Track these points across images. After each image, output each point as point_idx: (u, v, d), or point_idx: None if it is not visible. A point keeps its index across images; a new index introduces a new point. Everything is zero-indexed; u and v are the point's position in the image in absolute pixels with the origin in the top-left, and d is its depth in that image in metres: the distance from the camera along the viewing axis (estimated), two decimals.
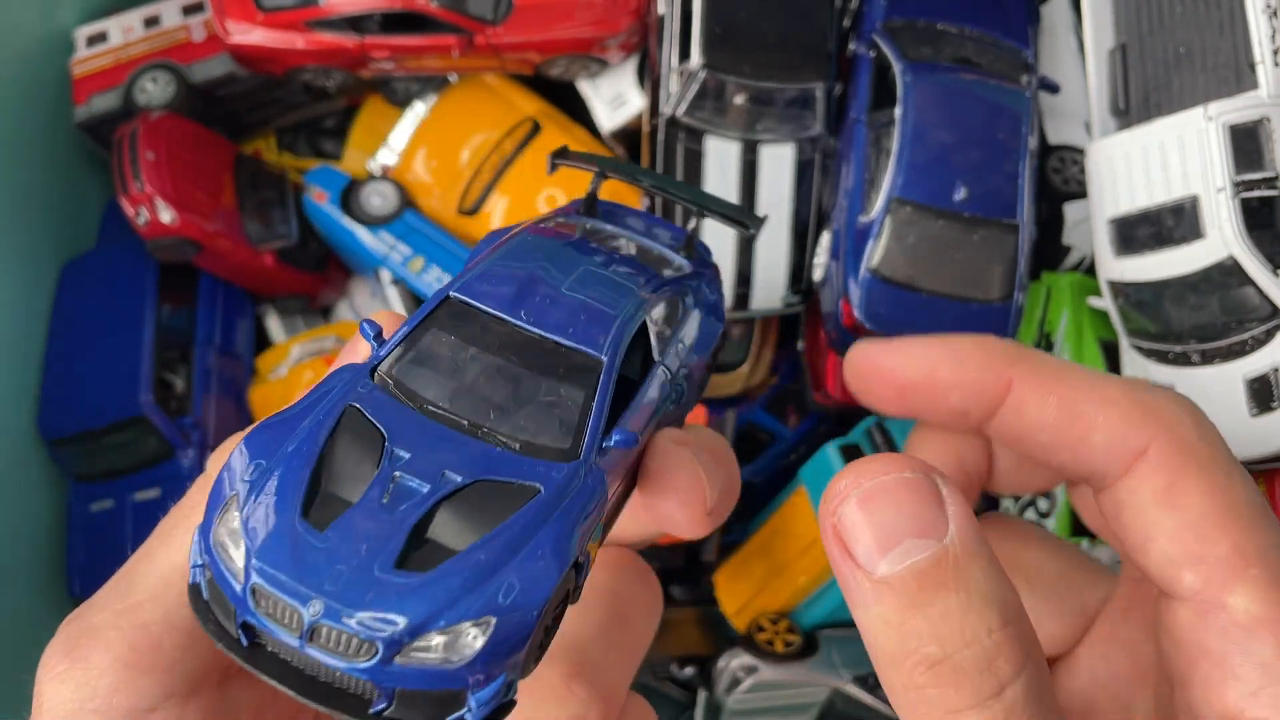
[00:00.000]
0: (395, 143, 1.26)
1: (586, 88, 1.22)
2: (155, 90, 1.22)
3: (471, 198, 1.24)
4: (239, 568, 0.38)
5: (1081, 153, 1.14)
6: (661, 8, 1.11)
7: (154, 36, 1.23)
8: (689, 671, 1.13)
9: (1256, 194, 0.93)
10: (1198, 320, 0.97)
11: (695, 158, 1.09)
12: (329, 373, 0.46)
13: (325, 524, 0.38)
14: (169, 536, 0.47)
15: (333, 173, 1.26)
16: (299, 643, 0.37)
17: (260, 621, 0.38)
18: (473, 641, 0.37)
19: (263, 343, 1.31)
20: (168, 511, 0.50)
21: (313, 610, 0.37)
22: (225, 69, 1.22)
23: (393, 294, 1.23)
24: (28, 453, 1.18)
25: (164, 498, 1.14)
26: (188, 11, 1.25)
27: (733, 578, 1.18)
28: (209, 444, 1.17)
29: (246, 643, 0.39)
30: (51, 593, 1.18)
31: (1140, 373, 1.03)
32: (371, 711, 0.38)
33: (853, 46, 1.12)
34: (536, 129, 1.24)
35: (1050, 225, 1.16)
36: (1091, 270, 1.10)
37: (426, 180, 1.25)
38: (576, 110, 1.26)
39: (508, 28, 1.12)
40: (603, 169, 0.57)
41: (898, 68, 1.04)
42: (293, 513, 0.39)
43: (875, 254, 1.03)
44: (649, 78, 1.14)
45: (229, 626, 0.39)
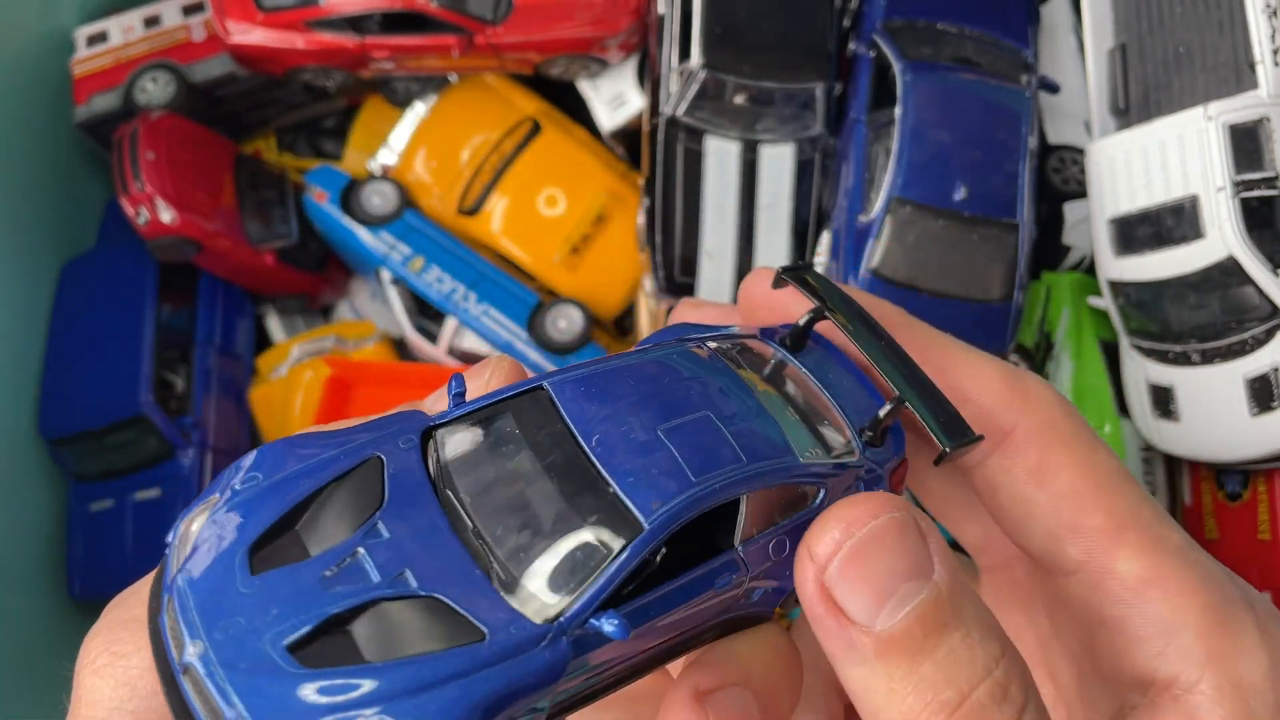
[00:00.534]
0: (395, 143, 1.26)
1: (586, 88, 1.22)
2: (155, 90, 1.22)
3: (471, 198, 1.24)
4: (173, 571, 0.36)
5: (1081, 153, 1.14)
6: (661, 8, 1.11)
7: (154, 36, 1.23)
8: None
9: (1256, 194, 0.93)
10: (1198, 320, 0.97)
11: (695, 158, 1.09)
12: (400, 408, 0.43)
13: (260, 569, 0.36)
14: None
15: (333, 172, 1.26)
16: (176, 669, 0.35)
17: (162, 628, 0.36)
18: None
19: (263, 343, 1.31)
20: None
21: (191, 650, 0.34)
22: (225, 69, 1.22)
23: (393, 294, 1.23)
24: (28, 453, 1.18)
25: (164, 497, 1.14)
26: (188, 11, 1.25)
27: None
28: (209, 444, 1.17)
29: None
30: (51, 593, 1.18)
31: (1140, 372, 1.03)
32: None
33: (853, 46, 1.12)
34: (536, 129, 1.24)
35: (1050, 225, 1.16)
36: (1091, 270, 1.11)
37: (427, 180, 1.25)
38: (576, 110, 1.26)
39: (508, 27, 1.12)
40: (827, 307, 0.46)
41: (898, 67, 1.04)
42: (242, 545, 0.36)
43: (875, 254, 1.03)
44: (649, 78, 1.14)
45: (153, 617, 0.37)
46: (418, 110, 1.26)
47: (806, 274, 0.48)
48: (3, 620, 1.08)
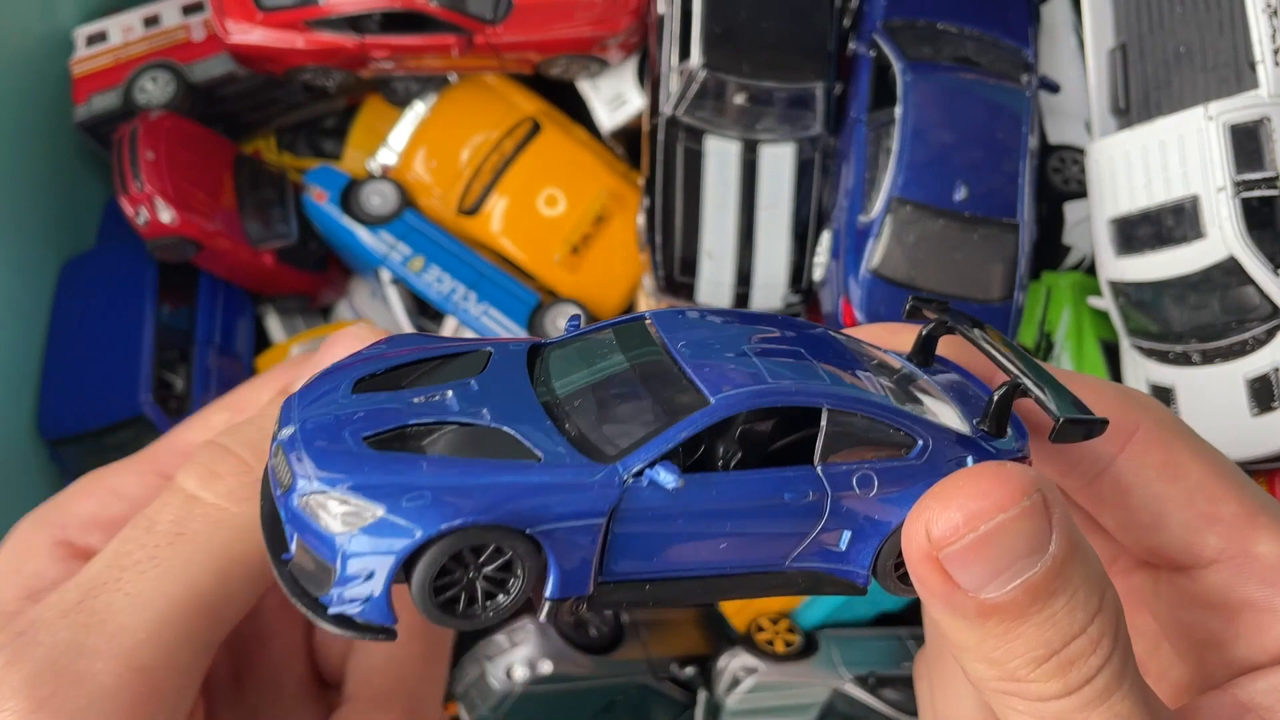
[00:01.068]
0: (395, 142, 1.26)
1: (586, 87, 1.22)
2: (155, 90, 1.22)
3: (471, 197, 1.24)
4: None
5: (1081, 153, 1.14)
6: (661, 7, 1.11)
7: (154, 36, 1.23)
8: (689, 671, 1.13)
9: (1257, 194, 0.93)
10: (1198, 320, 0.97)
11: (695, 158, 1.09)
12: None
13: (361, 391, 0.42)
14: (147, 566, 0.44)
15: (333, 172, 1.26)
16: (271, 462, 0.40)
17: (274, 435, 0.42)
18: (356, 517, 0.37)
19: (263, 343, 1.31)
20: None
21: (284, 432, 0.40)
22: (225, 69, 1.22)
23: (393, 294, 1.22)
24: (28, 453, 1.17)
25: None
26: (188, 11, 1.25)
27: None
28: None
29: None
30: None
31: (1141, 372, 1.03)
32: (283, 556, 0.40)
33: (853, 46, 1.12)
34: (536, 129, 1.24)
35: (1050, 225, 1.16)
36: (1092, 270, 1.10)
37: (426, 180, 1.25)
38: (576, 110, 1.26)
39: (507, 27, 1.12)
40: (951, 320, 0.47)
41: (898, 67, 1.04)
42: (351, 379, 0.43)
43: (875, 254, 1.03)
44: (649, 78, 1.14)
45: None
46: (417, 110, 1.26)
47: (937, 301, 0.49)
48: None
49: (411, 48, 1.14)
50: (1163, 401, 1.01)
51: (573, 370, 0.44)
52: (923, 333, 0.48)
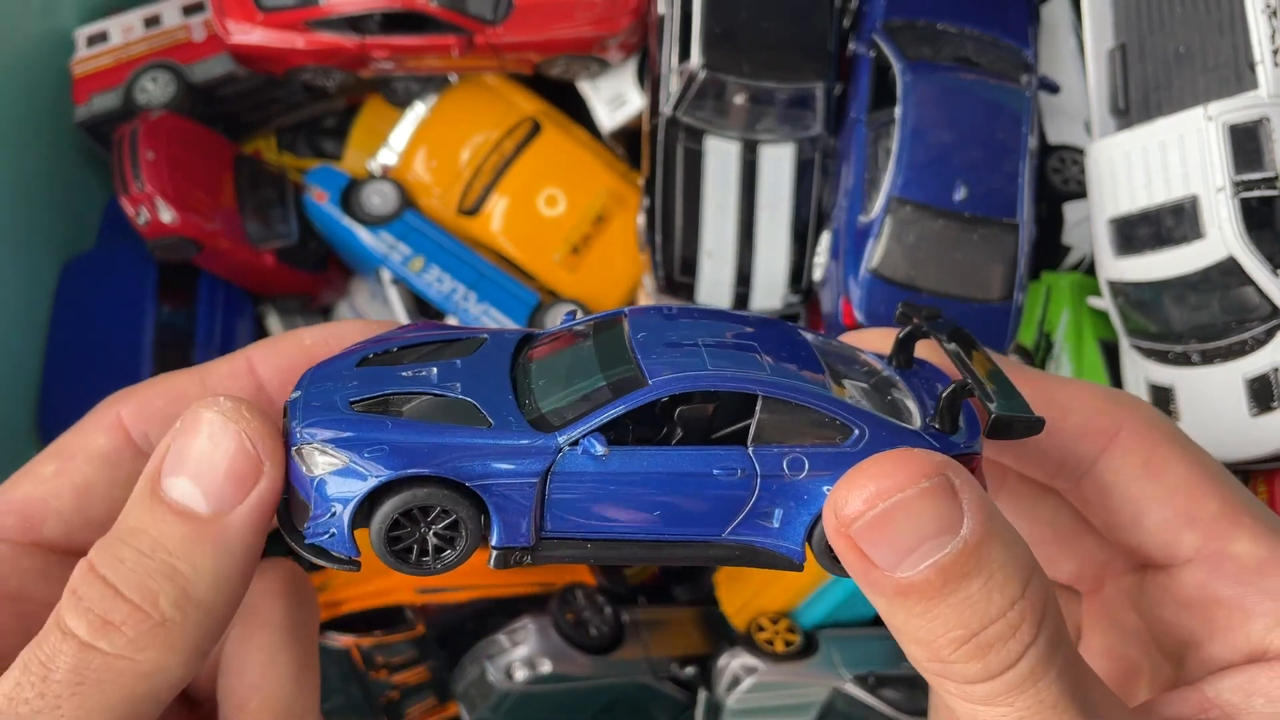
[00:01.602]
0: (395, 143, 1.26)
1: (586, 88, 1.22)
2: (155, 90, 1.22)
3: (471, 198, 1.24)
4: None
5: (1081, 153, 1.14)
6: (661, 8, 1.11)
7: (154, 36, 1.23)
8: (689, 671, 1.13)
9: (1256, 194, 0.93)
10: (1198, 320, 0.97)
11: (695, 158, 1.09)
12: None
13: (364, 366, 0.49)
14: (50, 716, 0.44)
15: (333, 172, 1.26)
16: (283, 421, 0.48)
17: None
18: (329, 464, 0.44)
19: None
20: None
21: (294, 394, 0.48)
22: (225, 69, 1.22)
23: (393, 294, 1.23)
24: (28, 453, 1.17)
25: None
26: (188, 11, 1.25)
27: (733, 577, 1.18)
28: None
29: None
30: None
31: (1140, 373, 1.03)
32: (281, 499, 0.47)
33: (853, 46, 1.12)
34: (536, 129, 1.24)
35: (1050, 225, 1.16)
36: (1091, 270, 1.11)
37: (427, 180, 1.25)
38: (576, 110, 1.26)
39: (508, 27, 1.12)
40: (925, 325, 0.50)
41: (898, 67, 1.04)
42: (358, 355, 0.50)
43: (875, 254, 1.03)
44: (649, 78, 1.14)
45: None
46: (418, 110, 1.26)
47: (927, 307, 0.52)
48: None
49: (412, 48, 1.14)
50: (1162, 401, 1.01)
51: (549, 357, 0.50)
52: (899, 336, 0.51)
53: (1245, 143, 0.93)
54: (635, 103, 1.20)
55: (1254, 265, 0.92)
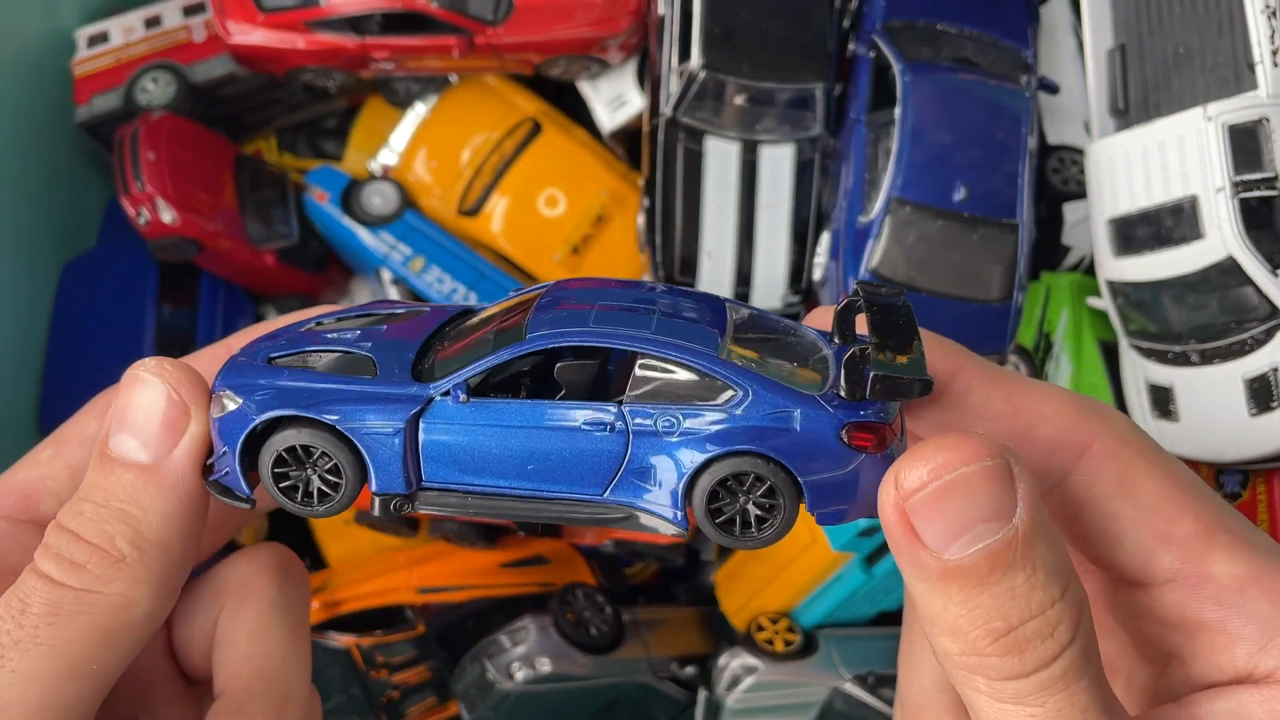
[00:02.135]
0: (396, 143, 1.26)
1: (586, 88, 1.22)
2: (156, 90, 1.22)
3: (472, 198, 1.24)
4: None
5: (1081, 153, 1.14)
6: (661, 8, 1.11)
7: (155, 37, 1.24)
8: (689, 671, 1.13)
9: (1256, 194, 0.93)
10: (1197, 320, 0.97)
11: (695, 158, 1.10)
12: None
13: (307, 330, 0.52)
14: (30, 645, 0.47)
15: (333, 173, 1.26)
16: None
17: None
18: (228, 407, 0.48)
19: None
20: None
21: (238, 356, 0.52)
22: (226, 69, 1.22)
23: (393, 294, 1.23)
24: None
25: None
26: (189, 12, 1.25)
27: (733, 577, 1.18)
28: None
29: None
30: None
31: (1139, 372, 1.03)
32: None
33: (853, 46, 1.12)
34: (537, 129, 1.24)
35: (1050, 225, 1.16)
36: (1091, 270, 1.11)
37: (427, 180, 1.25)
38: (576, 110, 1.26)
39: (508, 28, 1.13)
40: (864, 300, 0.49)
41: (897, 68, 1.05)
42: (313, 321, 0.54)
43: (875, 254, 1.03)
44: (649, 78, 1.14)
45: None
46: (418, 111, 1.26)
47: (883, 286, 0.50)
48: None
49: (412, 49, 1.14)
50: (1162, 401, 1.01)
51: (468, 324, 0.51)
52: (836, 309, 0.50)
53: (1245, 143, 0.93)
54: (635, 103, 1.20)
55: (1253, 265, 0.92)
